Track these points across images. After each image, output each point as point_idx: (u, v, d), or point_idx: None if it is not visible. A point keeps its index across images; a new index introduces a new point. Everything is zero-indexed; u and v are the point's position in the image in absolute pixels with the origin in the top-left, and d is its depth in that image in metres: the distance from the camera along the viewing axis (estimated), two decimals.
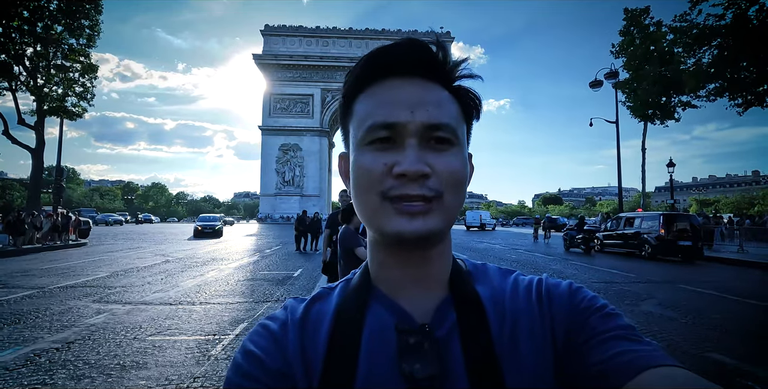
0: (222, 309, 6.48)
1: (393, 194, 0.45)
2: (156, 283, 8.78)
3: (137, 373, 3.79)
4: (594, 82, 22.62)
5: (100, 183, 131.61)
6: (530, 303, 0.51)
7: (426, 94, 0.47)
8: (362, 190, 0.47)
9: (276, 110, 57.29)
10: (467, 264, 0.57)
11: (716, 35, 15.34)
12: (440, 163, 0.46)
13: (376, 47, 0.49)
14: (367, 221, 0.48)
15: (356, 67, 0.50)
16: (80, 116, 20.95)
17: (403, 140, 0.46)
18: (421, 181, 0.44)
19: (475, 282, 0.53)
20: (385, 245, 0.50)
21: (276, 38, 58.76)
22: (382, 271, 0.52)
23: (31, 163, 20.32)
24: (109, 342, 4.67)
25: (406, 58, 0.48)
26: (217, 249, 17.35)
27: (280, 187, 56.12)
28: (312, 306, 0.53)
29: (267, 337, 0.49)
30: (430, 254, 0.50)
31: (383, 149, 0.46)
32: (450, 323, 0.49)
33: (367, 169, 0.46)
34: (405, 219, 0.45)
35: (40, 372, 3.80)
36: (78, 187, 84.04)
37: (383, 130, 0.46)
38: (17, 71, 19.19)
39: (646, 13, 23.66)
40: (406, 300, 0.50)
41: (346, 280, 0.56)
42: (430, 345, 0.46)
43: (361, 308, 0.50)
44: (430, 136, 0.46)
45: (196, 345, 4.62)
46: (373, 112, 0.47)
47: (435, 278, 0.51)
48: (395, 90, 0.47)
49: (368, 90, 0.49)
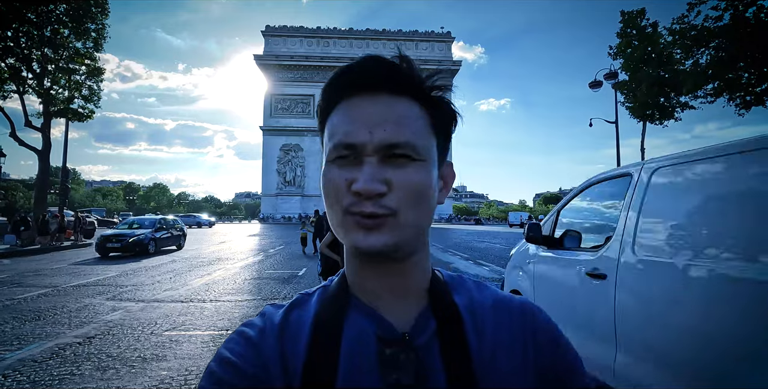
0: (232, 306, 6.71)
1: (352, 210, 0.46)
2: (165, 282, 9.01)
3: (158, 365, 4.02)
4: (593, 83, 22.77)
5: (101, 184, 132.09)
6: (512, 321, 0.53)
7: (388, 112, 0.47)
8: (329, 203, 0.48)
9: (277, 110, 57.54)
10: (444, 275, 0.57)
11: (714, 37, 15.53)
12: (399, 177, 0.46)
13: (342, 66, 0.50)
14: (336, 231, 0.49)
15: (326, 84, 0.51)
16: (89, 117, 21.20)
17: (361, 159, 0.47)
18: (375, 199, 0.45)
19: (452, 292, 0.54)
20: (356, 254, 0.51)
21: (277, 39, 59.00)
22: (359, 279, 0.52)
23: (38, 165, 20.55)
24: (128, 337, 4.90)
25: (371, 75, 0.48)
26: (222, 249, 17.57)
27: (282, 187, 56.35)
28: (291, 312, 0.53)
29: (243, 344, 0.49)
30: (404, 265, 0.51)
31: (345, 165, 0.47)
32: (430, 332, 0.49)
33: (333, 184, 0.47)
34: (361, 234, 0.46)
35: (67, 363, 4.03)
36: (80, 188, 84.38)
37: (344, 149, 0.47)
38: (25, 74, 19.45)
39: (642, 15, 23.81)
40: (385, 309, 0.51)
41: (324, 286, 0.56)
42: (411, 355, 0.47)
43: (340, 315, 0.50)
44: (389, 153, 0.47)
45: (210, 340, 4.85)
46: (337, 130, 0.48)
47: (413, 288, 0.52)
48: (358, 109, 0.48)
49: (339, 106, 0.50)
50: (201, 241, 22.70)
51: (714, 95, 17.14)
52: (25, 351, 4.38)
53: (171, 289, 8.12)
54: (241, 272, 10.61)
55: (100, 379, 3.65)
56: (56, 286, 8.37)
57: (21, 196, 62.77)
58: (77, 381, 3.60)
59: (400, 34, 60.76)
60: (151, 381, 3.64)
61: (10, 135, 19.64)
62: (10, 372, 3.81)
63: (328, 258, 4.79)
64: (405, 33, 60.91)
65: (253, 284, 8.95)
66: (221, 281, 9.12)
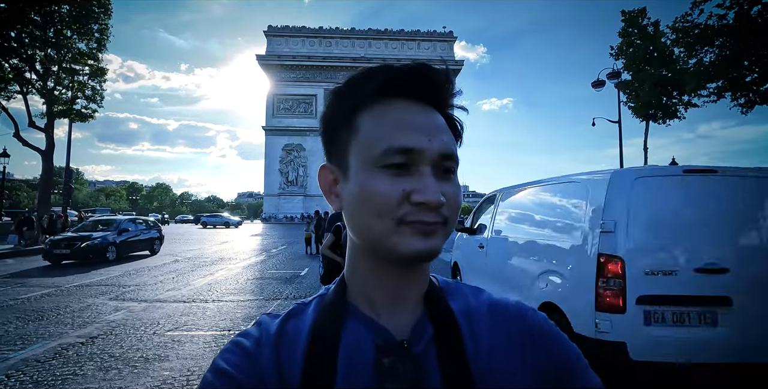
0: (234, 306, 6.72)
1: (408, 220, 0.45)
2: (168, 282, 9.03)
3: (160, 365, 4.02)
4: (596, 82, 22.70)
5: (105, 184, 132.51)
6: (509, 326, 0.52)
7: (435, 121, 0.48)
8: (372, 214, 0.45)
9: (279, 110, 57.57)
10: (439, 281, 0.57)
11: (718, 35, 15.45)
12: (449, 192, 0.47)
13: (384, 64, 0.49)
14: (373, 242, 0.47)
15: (360, 80, 0.48)
16: (92, 117, 21.28)
17: (418, 167, 0.45)
18: (437, 210, 0.45)
19: (448, 298, 0.54)
20: (375, 262, 0.50)
21: (279, 39, 59.02)
22: (361, 287, 0.52)
23: (42, 165, 20.65)
24: (131, 337, 4.91)
25: (420, 82, 0.48)
26: (224, 249, 17.61)
27: (284, 187, 56.38)
28: (287, 322, 0.52)
29: (239, 354, 0.48)
30: (417, 270, 0.51)
31: (399, 175, 0.45)
32: (427, 338, 0.49)
33: (383, 194, 0.45)
34: (421, 239, 0.45)
35: (70, 363, 4.04)
36: (83, 188, 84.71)
37: (400, 155, 0.45)
38: (29, 75, 19.54)
39: (643, 15, 23.71)
40: (383, 316, 0.50)
41: (321, 295, 0.55)
42: (408, 364, 0.46)
43: (337, 324, 0.50)
44: (441, 166, 0.47)
45: (213, 340, 4.85)
46: (388, 134, 0.46)
47: (413, 294, 0.52)
48: (409, 114, 0.47)
49: (376, 107, 0.48)
50: (204, 241, 22.75)
51: (718, 94, 17.06)
52: (28, 351, 4.40)
53: (173, 289, 8.13)
54: (244, 272, 10.63)
55: (102, 379, 3.65)
56: (59, 286, 8.40)
57: (25, 196, 63.06)
58: (80, 382, 3.61)
59: (402, 33, 60.67)
60: (154, 381, 3.64)
61: (14, 135, 19.74)
62: (13, 372, 3.82)
63: (330, 260, 4.78)
64: (407, 33, 60.80)
65: (255, 284, 8.96)
66: (224, 281, 9.13)
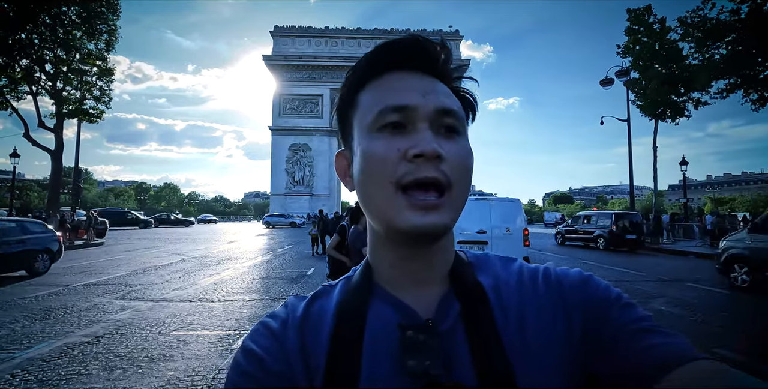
0: (240, 305, 6.69)
1: (407, 181, 0.44)
2: (174, 281, 9.04)
3: (165, 365, 3.99)
4: (605, 81, 22.48)
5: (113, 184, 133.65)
6: (537, 292, 0.50)
7: (434, 84, 0.48)
8: (373, 179, 0.45)
9: (286, 110, 57.69)
10: (468, 255, 0.56)
11: (730, 30, 15.18)
12: (451, 149, 0.45)
13: (381, 42, 0.50)
14: (377, 214, 0.47)
15: (361, 60, 0.50)
16: (99, 118, 21.44)
17: (415, 124, 0.45)
18: (436, 162, 0.44)
19: (477, 273, 0.52)
20: (389, 241, 0.49)
21: (285, 39, 59.16)
22: (384, 267, 0.51)
23: (51, 165, 20.84)
24: (136, 337, 4.89)
25: (413, 53, 0.48)
26: (231, 249, 17.65)
27: (290, 187, 56.50)
28: (313, 303, 0.52)
29: (267, 336, 0.49)
30: (434, 248, 0.49)
31: (396, 134, 0.45)
32: (453, 315, 0.48)
33: (380, 155, 0.45)
34: (419, 214, 0.44)
35: (75, 363, 4.02)
36: (92, 188, 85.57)
37: (394, 113, 0.45)
38: (38, 75, 19.74)
39: (649, 12, 23.43)
40: (408, 296, 0.50)
41: (347, 277, 0.55)
42: (435, 341, 0.45)
43: (363, 305, 0.49)
44: (440, 122, 0.46)
45: (218, 340, 4.82)
46: (382, 97, 0.47)
47: (437, 272, 0.51)
48: (403, 80, 0.48)
49: (374, 82, 0.49)
50: (210, 240, 22.84)
51: (729, 91, 16.79)
52: (34, 350, 4.39)
53: (180, 288, 8.13)
54: (250, 272, 10.62)
55: (107, 379, 3.63)
56: (67, 285, 8.43)
57: (35, 196, 63.84)
58: (84, 381, 3.58)
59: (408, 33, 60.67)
60: (158, 381, 3.61)
61: (24, 136, 19.96)
62: (18, 372, 3.80)
63: (335, 260, 4.74)
64: (413, 32, 60.76)
65: (261, 283, 8.93)
66: (230, 281, 9.12)
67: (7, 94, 19.62)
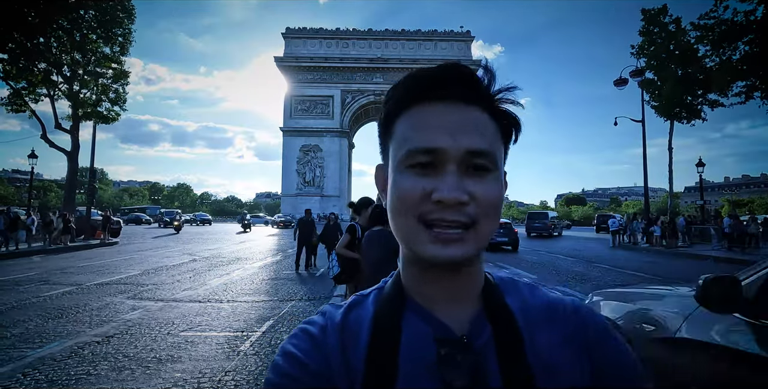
0: (248, 306, 6.73)
1: (429, 218, 0.45)
2: (185, 281, 9.14)
3: (173, 366, 4.03)
4: (619, 81, 22.17)
5: (128, 184, 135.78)
6: (566, 323, 0.52)
7: (467, 119, 0.48)
8: (399, 212, 0.48)
9: (297, 111, 58.02)
10: (494, 278, 0.57)
11: (747, 32, 14.86)
12: (479, 190, 0.46)
13: (419, 68, 0.50)
14: (404, 241, 0.49)
15: (398, 86, 0.51)
16: (115, 119, 21.85)
17: (443, 166, 0.46)
18: (459, 208, 0.45)
19: (504, 295, 0.54)
20: (418, 262, 0.51)
21: (297, 41, 59.53)
22: (416, 284, 0.53)
23: (67, 165, 21.27)
24: (145, 337, 4.96)
25: (449, 82, 0.48)
26: (242, 249, 17.80)
27: (301, 187, 56.79)
28: (350, 312, 0.54)
29: (307, 340, 0.50)
30: (464, 272, 0.51)
31: (423, 174, 0.46)
32: (486, 335, 0.50)
33: (405, 192, 0.46)
34: (440, 247, 0.45)
35: (84, 363, 4.09)
36: (108, 188, 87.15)
37: (423, 155, 0.46)
38: (56, 78, 20.19)
39: (664, 13, 23.06)
40: (441, 312, 0.51)
41: (378, 288, 0.57)
42: (470, 358, 0.47)
43: (397, 316, 0.51)
44: (470, 162, 0.46)
45: (225, 341, 4.85)
46: (412, 136, 0.47)
47: (468, 292, 0.52)
48: (436, 114, 0.47)
49: (409, 111, 0.49)
50: (222, 240, 23.07)
51: (747, 93, 16.42)
52: (45, 350, 4.47)
53: (190, 289, 8.22)
54: (259, 273, 10.69)
55: (115, 380, 3.68)
56: (81, 284, 8.59)
57: (53, 195, 65.23)
58: (93, 382, 3.64)
59: (419, 33, 60.44)
60: (165, 383, 3.64)
61: (42, 137, 20.40)
62: (29, 371, 3.88)
63: (347, 259, 4.75)
64: (424, 33, 60.55)
65: (270, 284, 8.99)
66: (239, 281, 9.20)
67: (26, 97, 20.11)
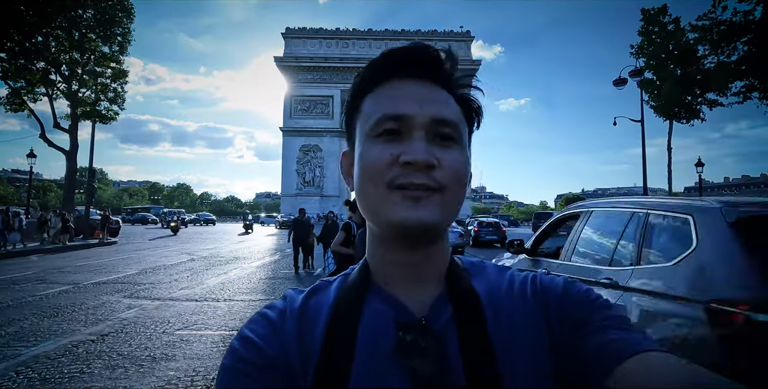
0: (245, 305, 6.72)
1: (398, 183, 0.46)
2: (182, 280, 9.13)
3: (167, 365, 4.02)
4: (618, 80, 22.12)
5: (128, 184, 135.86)
6: (525, 297, 0.51)
7: (433, 93, 0.49)
8: (367, 180, 0.48)
9: (297, 111, 58.06)
10: (464, 262, 0.57)
11: (745, 32, 14.86)
12: (446, 158, 0.47)
13: (386, 49, 0.51)
14: (372, 211, 0.49)
15: (366, 67, 0.52)
16: (114, 119, 21.83)
17: (410, 132, 0.47)
18: (427, 171, 0.45)
19: (471, 278, 0.54)
20: (386, 239, 0.51)
21: (297, 41, 59.56)
22: (380, 266, 0.53)
23: (66, 165, 21.26)
24: (140, 335, 4.94)
25: (416, 60, 0.50)
26: (240, 248, 17.80)
27: (301, 187, 56.81)
28: (311, 297, 0.54)
29: (265, 325, 0.50)
30: (430, 250, 0.51)
31: (390, 141, 0.47)
32: (446, 317, 0.49)
33: (374, 158, 0.47)
34: (410, 204, 0.45)
35: (78, 361, 4.08)
36: (108, 188, 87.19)
37: (391, 121, 0.47)
38: (54, 77, 20.17)
39: (664, 12, 23.06)
40: (403, 295, 0.51)
41: (345, 274, 0.57)
42: (429, 340, 0.47)
43: (359, 300, 0.51)
44: (436, 131, 0.47)
45: (221, 340, 4.84)
46: (381, 105, 0.49)
47: (431, 273, 0.52)
48: (404, 88, 0.49)
49: (377, 89, 0.51)
50: (220, 240, 23.06)
51: (746, 93, 16.43)
52: (40, 348, 4.46)
53: (187, 288, 8.21)
54: (257, 272, 10.68)
55: (108, 378, 3.67)
56: (77, 283, 8.57)
57: (53, 195, 65.26)
58: (86, 380, 3.63)
59: (419, 33, 60.48)
60: (158, 381, 3.63)
61: (40, 136, 20.37)
62: (22, 369, 3.87)
63: (342, 256, 4.85)
64: (424, 33, 60.59)
65: (267, 283, 8.99)
66: (236, 281, 9.19)
67: (25, 96, 20.09)
